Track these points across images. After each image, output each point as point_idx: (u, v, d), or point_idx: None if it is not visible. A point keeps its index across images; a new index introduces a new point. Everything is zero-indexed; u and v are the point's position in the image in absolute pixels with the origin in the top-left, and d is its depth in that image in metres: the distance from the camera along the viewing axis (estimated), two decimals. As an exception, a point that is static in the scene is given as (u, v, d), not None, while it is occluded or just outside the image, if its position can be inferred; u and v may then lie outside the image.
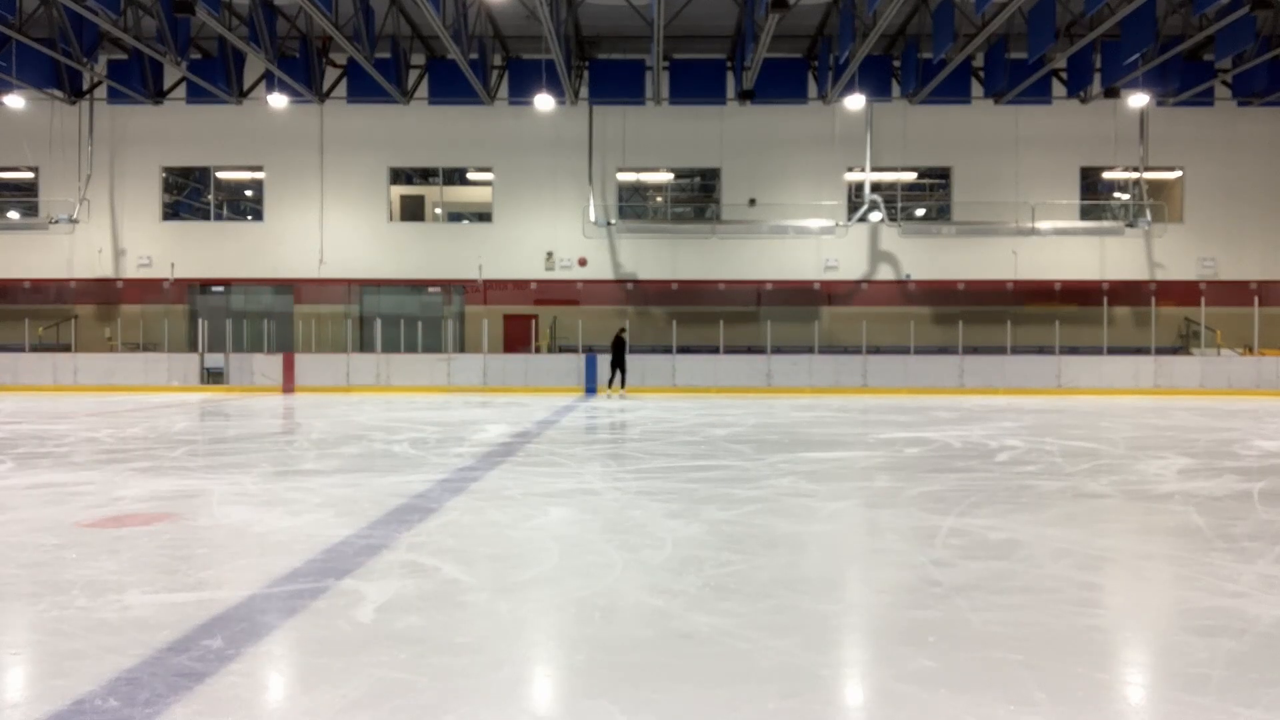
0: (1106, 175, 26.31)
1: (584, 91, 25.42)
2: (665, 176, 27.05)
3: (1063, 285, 25.59)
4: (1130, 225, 25.44)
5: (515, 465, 8.74)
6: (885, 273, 25.87)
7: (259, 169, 26.35)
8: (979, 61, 24.62)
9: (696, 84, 25.20)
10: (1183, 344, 25.22)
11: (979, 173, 25.74)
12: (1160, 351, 23.76)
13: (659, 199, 27.55)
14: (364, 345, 25.15)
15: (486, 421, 13.70)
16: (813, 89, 25.53)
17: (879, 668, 3.38)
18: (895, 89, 25.16)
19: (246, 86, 25.30)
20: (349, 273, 25.99)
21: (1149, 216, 25.41)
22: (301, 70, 23.73)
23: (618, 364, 20.67)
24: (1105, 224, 25.73)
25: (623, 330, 21.38)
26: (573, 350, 24.08)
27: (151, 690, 3.04)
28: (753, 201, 25.75)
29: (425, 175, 27.04)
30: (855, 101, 23.18)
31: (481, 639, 3.62)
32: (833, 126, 25.67)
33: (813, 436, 11.72)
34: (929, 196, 27.09)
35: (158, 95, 25.28)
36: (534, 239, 25.85)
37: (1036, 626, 3.75)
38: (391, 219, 26.40)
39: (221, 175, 26.86)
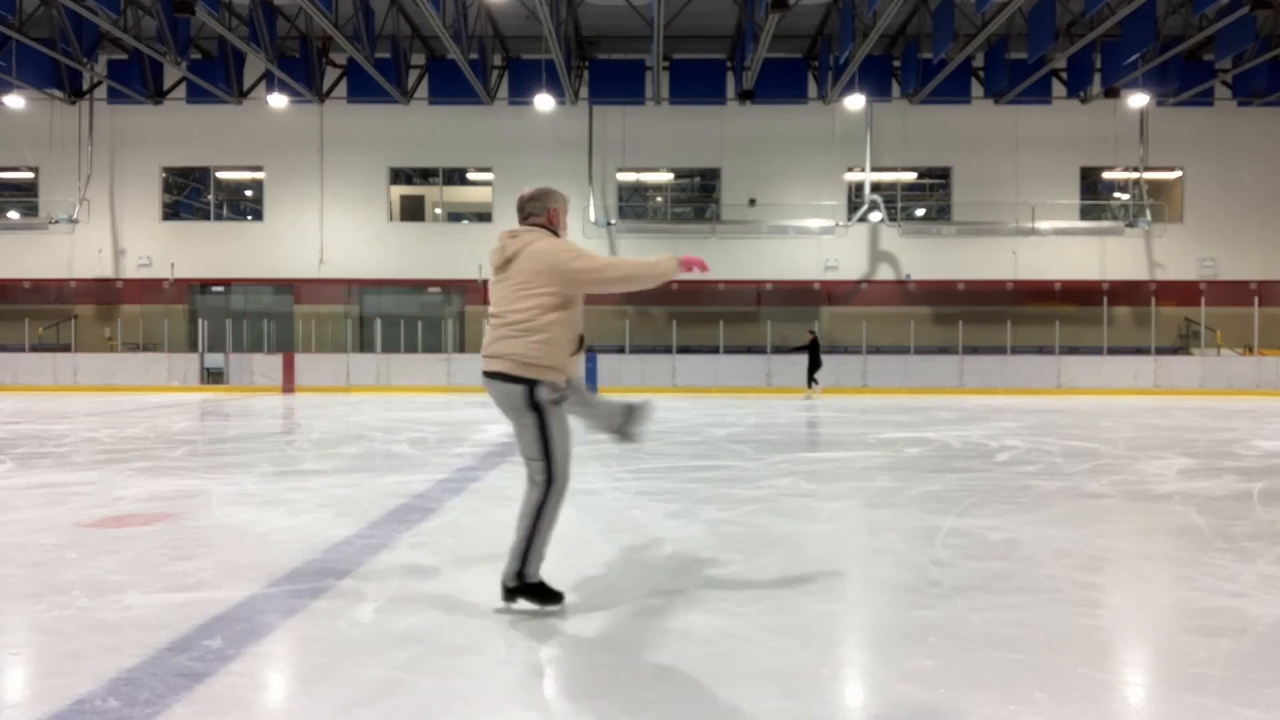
0: (1106, 175, 26.30)
1: (584, 91, 25.43)
2: (665, 176, 27.05)
3: (1063, 285, 25.58)
4: (1130, 225, 25.44)
5: (515, 465, 8.72)
6: (885, 273, 25.87)
7: (259, 169, 26.35)
8: (979, 61, 24.62)
9: (696, 84, 25.21)
10: (1183, 344, 25.22)
11: (979, 173, 25.74)
12: (1160, 351, 23.76)
13: (659, 199, 27.55)
14: (364, 345, 25.15)
15: (486, 421, 13.68)
16: (813, 89, 25.54)
17: (879, 668, 3.38)
18: (895, 89, 25.17)
19: (246, 86, 25.31)
20: (349, 273, 25.99)
21: (1149, 216, 25.41)
22: (301, 70, 23.74)
23: (815, 365, 20.53)
24: (1105, 224, 25.72)
25: (812, 331, 21.20)
26: (573, 350, 24.05)
27: (151, 690, 3.03)
28: (753, 201, 25.74)
29: (425, 175, 27.04)
30: (855, 101, 23.19)
31: (481, 639, 3.62)
32: (833, 126, 25.67)
33: (812, 436, 11.72)
34: (929, 196, 27.08)
35: (158, 95, 25.30)
36: (534, 239, 25.80)
37: (1036, 626, 3.75)
38: (391, 219, 26.41)
39: (221, 175, 26.86)
